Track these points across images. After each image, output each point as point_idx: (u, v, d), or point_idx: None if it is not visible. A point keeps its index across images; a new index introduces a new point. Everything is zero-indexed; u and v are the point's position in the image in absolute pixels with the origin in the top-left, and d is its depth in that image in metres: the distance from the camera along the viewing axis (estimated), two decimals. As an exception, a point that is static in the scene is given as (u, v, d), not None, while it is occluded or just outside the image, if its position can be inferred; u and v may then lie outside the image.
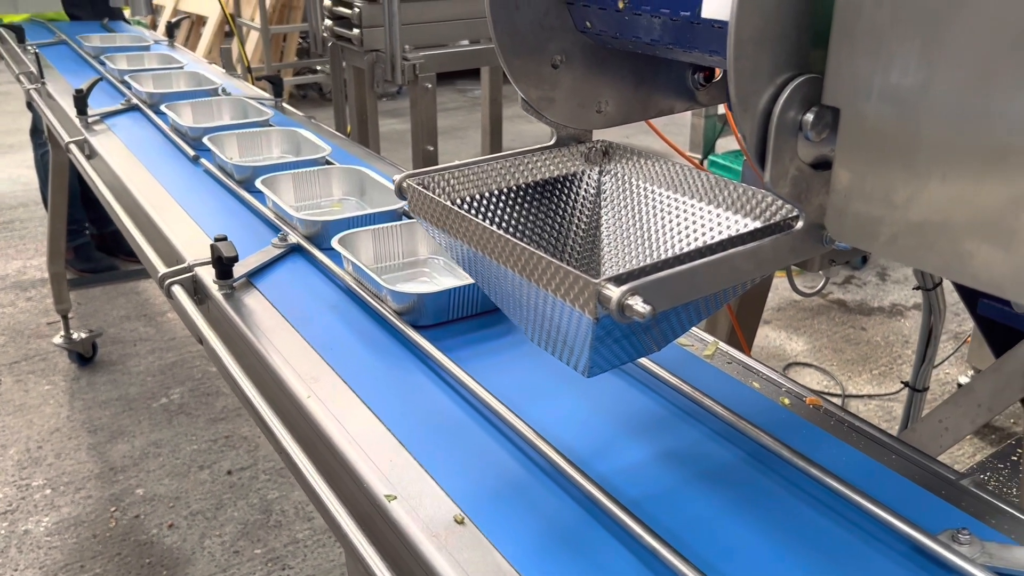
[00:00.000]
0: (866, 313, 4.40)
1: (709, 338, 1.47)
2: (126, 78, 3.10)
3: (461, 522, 1.02)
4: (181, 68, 3.30)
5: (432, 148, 3.47)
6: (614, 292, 0.85)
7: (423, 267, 1.74)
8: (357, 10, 3.29)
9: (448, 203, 1.08)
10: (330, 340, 1.42)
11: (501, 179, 1.25)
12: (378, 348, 1.41)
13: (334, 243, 1.63)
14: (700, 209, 1.20)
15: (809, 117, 0.89)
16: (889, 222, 0.85)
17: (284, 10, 7.07)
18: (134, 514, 2.98)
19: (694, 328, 1.49)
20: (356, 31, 3.32)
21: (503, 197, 1.25)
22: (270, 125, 2.56)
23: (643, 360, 1.34)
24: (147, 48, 3.75)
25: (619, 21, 1.15)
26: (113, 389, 3.70)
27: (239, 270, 1.60)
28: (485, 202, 1.23)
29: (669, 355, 1.37)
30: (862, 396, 3.72)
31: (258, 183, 1.97)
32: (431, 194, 1.11)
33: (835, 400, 3.80)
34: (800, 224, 0.96)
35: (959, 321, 4.20)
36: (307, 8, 4.24)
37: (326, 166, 2.19)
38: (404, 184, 1.16)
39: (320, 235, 1.77)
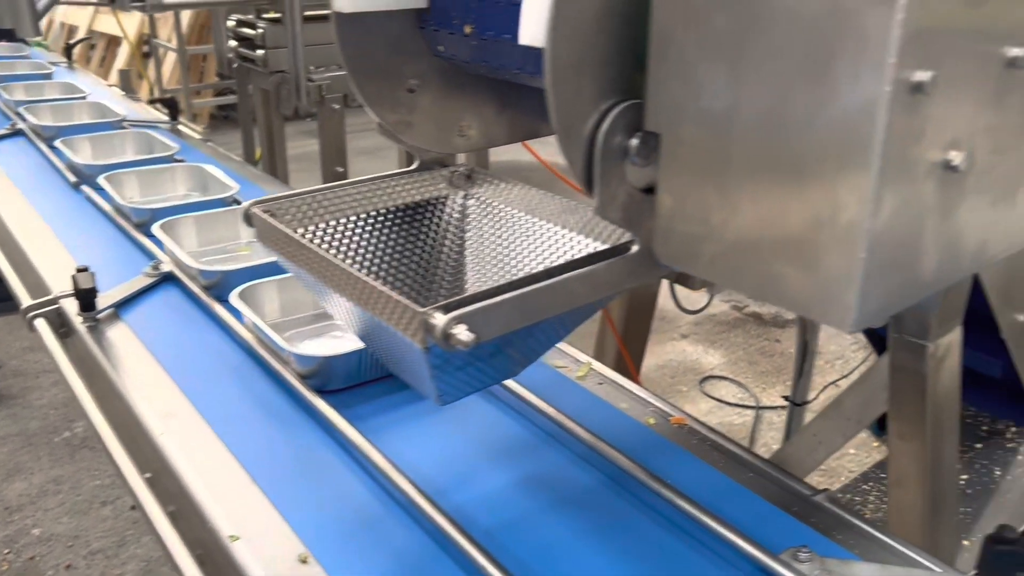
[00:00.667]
0: (780, 326, 4.49)
1: (584, 358, 1.47)
2: (20, 110, 2.88)
3: (305, 561, 0.99)
4: (83, 98, 3.14)
5: (342, 170, 3.43)
6: (439, 321, 0.83)
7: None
8: (261, 31, 3.25)
9: (290, 231, 1.05)
10: (192, 372, 1.38)
11: (360, 205, 1.23)
12: (239, 378, 1.37)
13: (233, 299, 1.48)
14: (556, 233, 1.20)
15: (634, 142, 0.89)
16: (709, 244, 0.86)
17: (203, 30, 6.94)
18: (29, 556, 2.85)
19: (570, 348, 1.49)
20: (260, 52, 3.28)
21: (363, 223, 1.23)
22: (176, 160, 2.42)
23: (513, 384, 1.33)
24: (48, 76, 3.57)
25: (469, 46, 1.15)
26: (12, 424, 3.55)
27: (105, 301, 1.54)
28: (343, 229, 1.20)
29: (541, 377, 1.37)
30: (775, 407, 3.79)
31: (155, 229, 1.79)
32: (275, 222, 1.08)
33: (748, 412, 3.88)
34: (635, 248, 0.96)
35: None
36: (212, 28, 4.17)
37: (234, 207, 2.04)
38: (251, 212, 1.13)
39: (221, 285, 1.60)
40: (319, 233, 1.17)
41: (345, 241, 1.20)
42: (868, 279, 0.74)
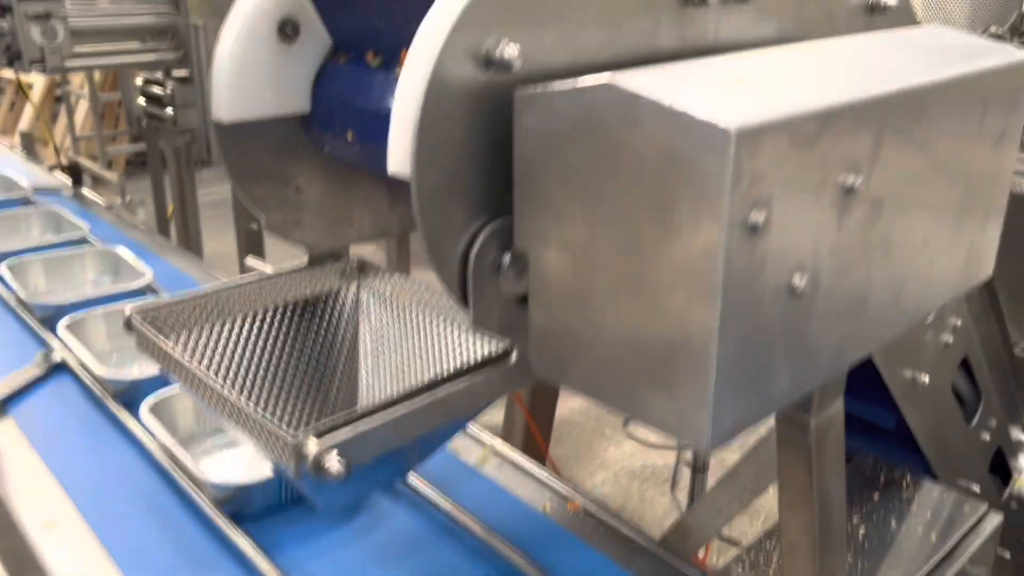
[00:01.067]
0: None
1: (486, 438, 1.48)
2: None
3: None
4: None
5: (257, 227, 3.39)
6: (311, 449, 0.84)
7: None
8: (169, 90, 3.21)
9: (163, 343, 1.04)
10: (85, 481, 1.34)
11: (248, 305, 1.22)
12: (141, 493, 1.33)
13: (143, 413, 1.41)
14: (447, 328, 1.21)
15: (507, 259, 0.92)
16: (577, 362, 0.88)
17: (118, 77, 6.80)
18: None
19: (473, 428, 1.50)
20: (170, 111, 3.23)
21: (252, 324, 1.22)
22: (86, 242, 2.31)
23: (414, 477, 1.33)
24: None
25: (352, 150, 1.16)
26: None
27: (-11, 397, 1.49)
28: (230, 333, 1.20)
29: (439, 466, 1.37)
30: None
31: (60, 329, 1.69)
32: (150, 332, 1.07)
33: (671, 453, 3.93)
34: (514, 357, 0.98)
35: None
36: (121, 86, 4.11)
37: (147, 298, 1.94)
38: (131, 320, 1.11)
39: (129, 393, 1.52)
40: (204, 339, 1.16)
41: (232, 346, 1.19)
42: (719, 402, 0.77)
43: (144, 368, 1.56)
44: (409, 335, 1.26)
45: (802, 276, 0.81)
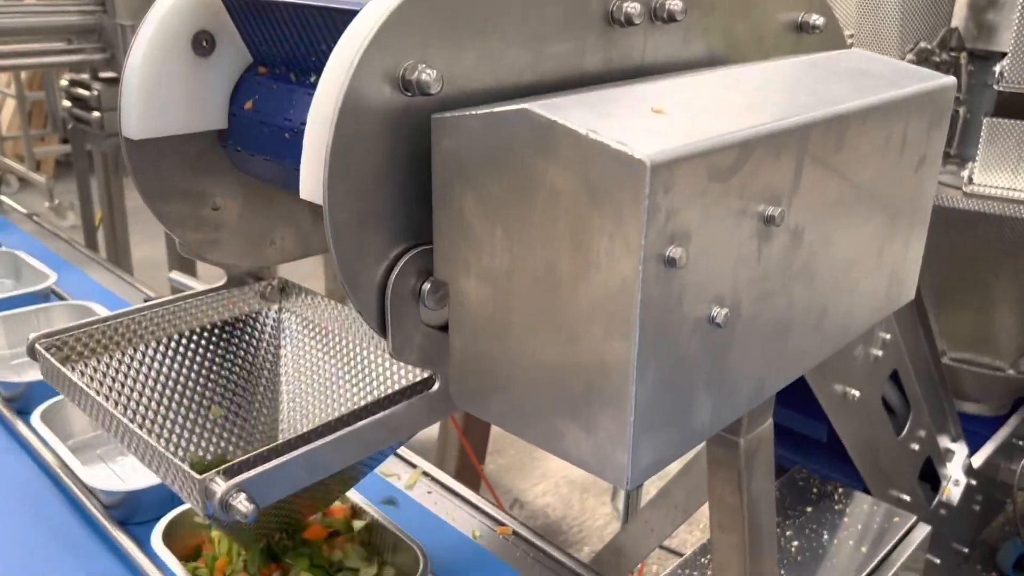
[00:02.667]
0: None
1: (417, 460, 1.45)
2: None
3: None
4: None
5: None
6: (218, 488, 0.80)
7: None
8: (96, 93, 3.10)
9: (67, 371, 0.99)
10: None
11: (162, 329, 1.17)
12: (32, 502, 1.27)
13: (34, 420, 1.39)
14: (369, 351, 1.18)
15: (427, 287, 0.89)
16: (497, 394, 0.86)
17: (42, 77, 6.56)
18: None
19: (404, 451, 1.47)
20: (96, 114, 3.12)
21: (166, 349, 1.17)
22: None
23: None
24: None
25: (270, 169, 1.12)
26: None
27: None
28: (142, 358, 1.14)
29: (370, 488, 1.33)
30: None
31: None
32: (54, 360, 1.02)
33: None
34: (437, 386, 0.95)
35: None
36: (45, 86, 3.95)
37: (49, 303, 1.89)
38: (35, 348, 1.05)
39: (24, 398, 1.49)
40: (114, 367, 1.11)
41: (144, 372, 1.14)
42: (639, 439, 0.75)
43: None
44: (332, 360, 1.22)
45: (722, 308, 0.79)
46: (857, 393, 1.84)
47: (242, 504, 0.79)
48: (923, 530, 1.95)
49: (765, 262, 0.85)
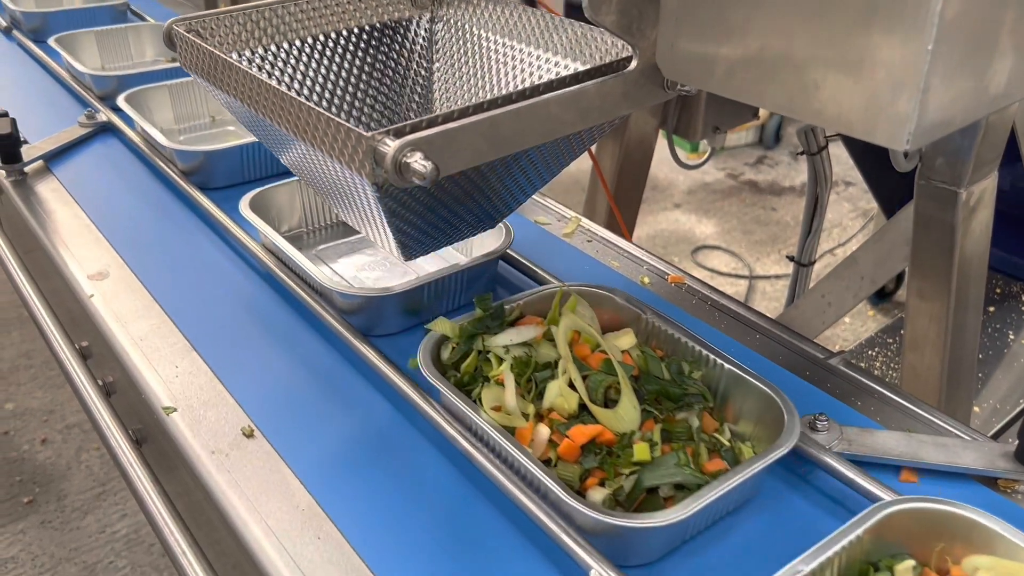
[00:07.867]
0: (777, 193, 4.34)
1: (570, 214, 1.32)
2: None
3: (250, 435, 0.86)
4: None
5: None
6: (390, 147, 0.67)
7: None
8: None
9: (218, 51, 0.87)
10: (126, 229, 1.22)
11: (305, 28, 1.04)
12: (176, 223, 1.22)
13: (120, 101, 1.44)
14: (538, 57, 1.02)
15: (635, -78, 0.71)
16: (725, 53, 0.69)
17: None
18: (3, 430, 2.78)
19: (553, 203, 1.34)
20: None
21: (309, 50, 1.04)
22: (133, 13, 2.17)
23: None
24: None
25: None
26: (-23, 299, 3.42)
27: (32, 153, 1.36)
28: (284, 56, 1.02)
29: (523, 235, 1.22)
30: (769, 277, 3.68)
31: (121, 101, 1.45)
32: (201, 42, 0.90)
33: (742, 282, 3.76)
34: (634, 64, 0.79)
35: (868, 198, 4.17)
36: None
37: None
38: (172, 30, 0.94)
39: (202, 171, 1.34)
40: (255, 60, 0.99)
41: (286, 70, 1.01)
42: (932, 79, 0.58)
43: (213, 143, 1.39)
44: (493, 70, 1.07)
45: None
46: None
47: (419, 163, 0.66)
48: None
49: None
